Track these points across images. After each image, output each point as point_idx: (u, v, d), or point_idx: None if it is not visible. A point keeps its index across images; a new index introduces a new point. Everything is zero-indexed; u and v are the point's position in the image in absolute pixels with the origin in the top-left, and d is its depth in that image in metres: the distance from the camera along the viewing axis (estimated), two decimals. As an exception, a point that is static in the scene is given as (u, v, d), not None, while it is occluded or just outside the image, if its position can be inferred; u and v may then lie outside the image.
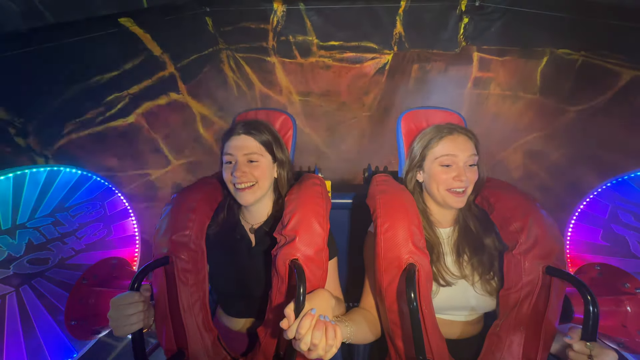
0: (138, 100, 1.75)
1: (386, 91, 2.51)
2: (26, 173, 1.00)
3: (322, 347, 0.62)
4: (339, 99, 2.59)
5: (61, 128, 1.30)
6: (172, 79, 2.02)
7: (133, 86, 1.70)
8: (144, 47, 1.73)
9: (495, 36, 2.13)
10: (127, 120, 1.68)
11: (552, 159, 1.98)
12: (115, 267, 1.20)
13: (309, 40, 2.35)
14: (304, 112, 2.64)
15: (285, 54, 2.41)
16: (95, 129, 1.46)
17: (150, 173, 1.90)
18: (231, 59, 2.42)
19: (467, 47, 2.25)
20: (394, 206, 0.87)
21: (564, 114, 1.91)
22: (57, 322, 1.05)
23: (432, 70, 2.38)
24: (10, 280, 0.97)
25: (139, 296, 0.80)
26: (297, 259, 0.79)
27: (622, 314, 0.89)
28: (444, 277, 0.88)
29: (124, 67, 1.62)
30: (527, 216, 0.85)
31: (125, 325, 0.77)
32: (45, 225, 1.06)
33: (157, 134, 1.91)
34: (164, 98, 1.97)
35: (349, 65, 2.44)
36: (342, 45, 2.36)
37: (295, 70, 2.48)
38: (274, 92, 2.57)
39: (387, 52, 2.38)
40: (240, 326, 0.95)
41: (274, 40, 2.35)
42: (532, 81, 2.08)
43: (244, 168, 0.89)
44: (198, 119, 2.30)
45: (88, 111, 1.43)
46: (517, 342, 0.80)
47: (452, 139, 0.91)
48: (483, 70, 2.29)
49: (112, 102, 1.57)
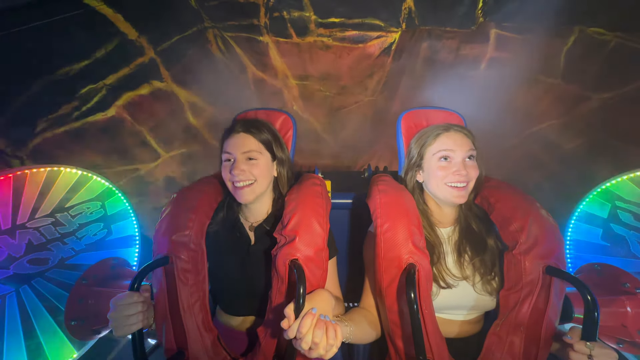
0: (117, 91, 1.60)
1: (392, 74, 2.26)
2: (26, 173, 1.00)
3: (322, 346, 0.62)
4: (339, 82, 2.34)
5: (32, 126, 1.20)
6: (153, 64, 1.81)
7: (109, 76, 1.54)
8: (116, 30, 1.53)
9: (519, 11, 1.85)
10: (107, 113, 1.56)
11: (566, 149, 1.85)
12: (115, 267, 1.20)
13: (306, 17, 2.05)
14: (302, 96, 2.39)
15: (280, 33, 2.12)
16: (72, 125, 1.35)
17: (139, 168, 1.80)
18: (219, 38, 2.12)
19: (484, 23, 1.98)
20: (394, 206, 0.87)
21: (586, 102, 1.76)
22: (57, 322, 1.06)
23: (442, 50, 2.13)
24: (10, 280, 0.97)
25: (139, 296, 0.80)
26: (297, 259, 0.79)
27: (622, 314, 0.89)
28: (444, 279, 0.88)
29: (95, 55, 1.45)
30: (527, 216, 0.85)
31: (125, 326, 0.77)
32: (45, 225, 1.06)
33: (142, 127, 1.77)
34: (145, 87, 1.79)
35: (351, 45, 2.17)
36: (343, 22, 2.08)
37: (292, 51, 2.21)
38: (269, 75, 2.30)
39: (395, 29, 2.10)
40: (240, 326, 0.95)
41: (267, 17, 2.06)
42: (555, 63, 1.88)
43: (242, 166, 0.89)
44: (186, 107, 2.06)
45: (61, 106, 1.31)
46: (517, 342, 0.80)
47: (449, 135, 0.91)
48: (500, 50, 2.04)
49: (88, 95, 1.44)
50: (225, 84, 2.17)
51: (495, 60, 2.08)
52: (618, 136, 1.59)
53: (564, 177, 1.83)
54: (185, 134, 2.07)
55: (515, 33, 1.97)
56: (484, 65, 2.11)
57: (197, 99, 2.10)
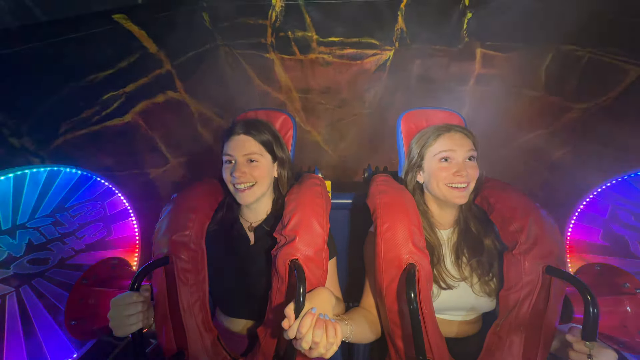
0: (134, 99, 1.71)
1: (387, 88, 2.48)
2: (26, 173, 1.00)
3: (323, 345, 0.62)
4: (339, 96, 2.56)
5: (57, 128, 1.27)
6: (169, 76, 1.98)
7: (129, 84, 1.65)
8: (139, 45, 1.69)
9: (500, 32, 2.07)
10: (124, 119, 1.65)
11: (555, 157, 1.96)
12: (115, 267, 1.20)
13: (309, 36, 2.30)
14: (304, 109, 2.62)
15: (284, 51, 2.36)
16: (91, 129, 1.42)
17: (149, 172, 1.87)
18: (229, 55, 2.38)
19: (470, 42, 2.20)
20: (394, 206, 0.87)
21: (569, 112, 1.89)
22: (57, 322, 1.06)
23: (434, 67, 2.35)
24: (10, 280, 0.97)
25: (139, 296, 0.80)
26: (297, 259, 0.79)
27: (622, 314, 0.89)
28: (444, 280, 0.88)
29: (119, 65, 1.57)
30: (526, 216, 0.85)
31: (125, 325, 0.77)
32: (45, 226, 1.06)
33: (154, 133, 1.87)
34: (161, 96, 1.93)
35: (350, 62, 2.40)
36: (342, 41, 2.31)
37: (295, 67, 2.44)
38: (273, 88, 2.53)
39: (389, 48, 2.33)
40: (240, 327, 0.95)
41: (273, 37, 2.30)
42: (537, 78, 2.05)
43: (243, 168, 0.89)
44: (196, 117, 2.25)
45: (83, 110, 1.38)
46: (517, 342, 0.80)
47: (449, 136, 0.91)
48: (486, 66, 2.25)
49: (108, 101, 1.53)
50: (232, 96, 2.40)
51: (483, 76, 2.29)
52: (599, 142, 1.70)
53: (555, 184, 1.93)
54: (194, 141, 2.23)
55: (498, 51, 2.18)
56: (473, 81, 2.32)
57: (206, 110, 2.30)
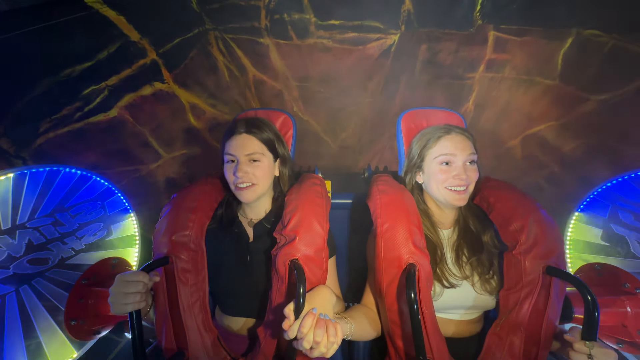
0: (119, 92, 1.61)
1: (391, 75, 2.27)
2: (26, 173, 1.00)
3: (324, 345, 0.62)
4: (339, 84, 2.35)
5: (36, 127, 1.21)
6: (155, 66, 1.83)
7: (111, 77, 1.55)
8: (119, 32, 1.55)
9: (516, 13, 1.89)
10: (109, 114, 1.56)
11: (566, 150, 1.87)
12: (115, 267, 1.20)
13: (306, 19, 2.06)
14: (302, 98, 2.40)
15: (280, 35, 2.13)
16: (74, 126, 1.35)
17: (140, 169, 1.80)
18: (220, 40, 2.13)
19: (482, 25, 2.01)
20: (394, 206, 0.87)
21: (584, 103, 1.78)
22: (57, 322, 1.05)
23: (441, 52, 2.15)
24: (10, 280, 0.97)
25: (144, 276, 0.78)
26: (297, 259, 0.79)
27: (622, 314, 0.89)
28: (447, 279, 0.88)
29: (98, 56, 1.46)
30: (527, 216, 0.85)
31: (121, 304, 0.75)
32: (45, 225, 1.06)
33: (143, 127, 1.79)
34: (147, 88, 1.80)
35: (351, 47, 2.17)
36: (343, 24, 2.08)
37: (292, 53, 2.21)
38: (269, 77, 2.31)
39: (394, 31, 2.11)
40: (240, 325, 0.95)
41: (267, 19, 2.07)
42: (552, 65, 1.91)
43: (245, 168, 0.89)
44: (187, 108, 2.09)
45: (64, 107, 1.31)
46: (517, 342, 0.80)
47: (450, 138, 0.91)
48: (498, 51, 2.06)
49: (90, 96, 1.45)
50: (225, 86, 2.20)
51: (494, 61, 2.10)
52: (616, 137, 1.61)
53: (563, 178, 1.85)
54: (186, 135, 2.08)
55: (513, 35, 2.00)
56: (483, 67, 2.13)
57: (198, 101, 2.12)
